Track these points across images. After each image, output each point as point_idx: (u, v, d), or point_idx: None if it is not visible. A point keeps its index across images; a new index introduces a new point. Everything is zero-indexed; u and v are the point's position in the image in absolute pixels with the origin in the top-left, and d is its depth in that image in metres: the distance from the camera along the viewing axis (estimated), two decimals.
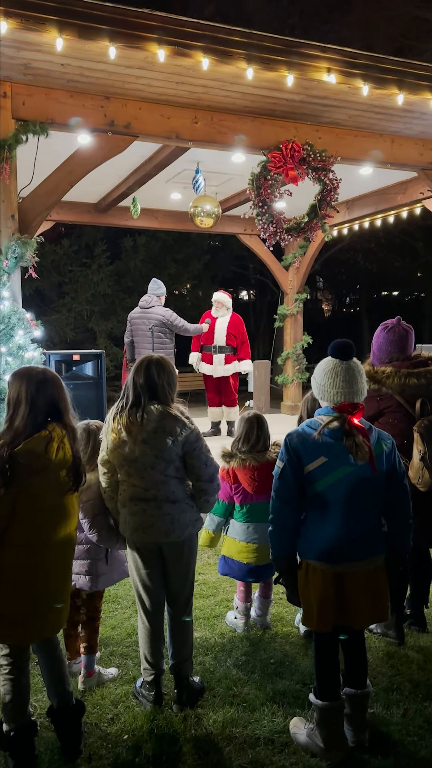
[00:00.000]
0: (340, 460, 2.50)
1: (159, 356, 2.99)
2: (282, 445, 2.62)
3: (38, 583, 2.51)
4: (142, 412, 2.82)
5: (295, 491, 2.56)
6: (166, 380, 2.90)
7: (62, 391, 2.61)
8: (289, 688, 3.14)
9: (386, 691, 3.13)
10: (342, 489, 2.51)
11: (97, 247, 13.89)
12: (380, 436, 2.61)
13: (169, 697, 3.06)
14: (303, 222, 6.28)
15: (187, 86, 5.18)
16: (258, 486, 3.57)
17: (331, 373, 2.60)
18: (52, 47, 4.41)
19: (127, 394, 2.90)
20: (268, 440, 3.73)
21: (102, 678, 3.21)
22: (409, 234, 19.46)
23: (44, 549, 2.52)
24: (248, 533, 3.64)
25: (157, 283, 7.55)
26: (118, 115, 5.39)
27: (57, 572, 2.58)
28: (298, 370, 10.45)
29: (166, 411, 2.84)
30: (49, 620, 2.58)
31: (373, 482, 2.54)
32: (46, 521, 2.52)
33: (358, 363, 2.65)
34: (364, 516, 2.56)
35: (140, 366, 2.91)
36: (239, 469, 3.59)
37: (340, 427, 2.52)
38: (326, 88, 5.25)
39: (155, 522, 2.85)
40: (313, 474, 2.52)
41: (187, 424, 2.86)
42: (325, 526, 2.55)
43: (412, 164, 6.61)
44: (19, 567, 2.48)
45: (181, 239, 14.83)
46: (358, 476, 2.51)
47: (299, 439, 2.56)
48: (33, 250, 5.14)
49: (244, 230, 10.28)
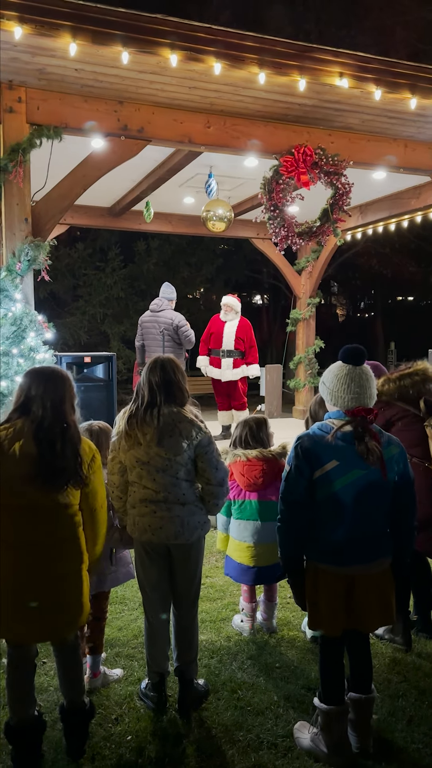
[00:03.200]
0: (351, 464, 2.51)
1: (170, 356, 3.01)
2: (292, 447, 2.62)
3: (26, 583, 2.49)
4: (158, 414, 2.83)
5: (303, 494, 2.56)
6: (182, 378, 2.91)
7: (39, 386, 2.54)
8: (294, 693, 3.13)
9: (392, 697, 3.11)
10: (352, 492, 2.52)
11: (110, 251, 13.96)
12: (390, 441, 2.61)
13: (174, 699, 3.06)
14: (315, 226, 6.28)
15: (199, 91, 5.21)
16: (249, 483, 3.59)
17: (346, 379, 2.60)
18: (66, 52, 4.45)
19: (141, 394, 2.91)
20: (266, 443, 3.73)
21: (107, 679, 3.22)
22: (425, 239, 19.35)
23: (29, 548, 2.48)
24: (240, 531, 3.66)
25: (170, 287, 7.57)
26: (131, 119, 5.42)
27: (49, 575, 2.51)
28: (310, 374, 10.42)
29: (181, 414, 2.86)
30: (47, 623, 2.53)
31: (382, 486, 2.55)
32: (26, 519, 2.47)
33: (368, 368, 2.66)
34: (372, 519, 2.57)
35: (154, 365, 2.92)
36: (231, 464, 3.66)
37: (352, 431, 2.52)
38: (339, 92, 5.26)
39: (165, 524, 2.86)
40: (324, 477, 2.53)
41: (202, 428, 2.87)
42: (335, 528, 2.55)
43: (426, 169, 6.59)
44: (6, 564, 2.49)
45: (194, 243, 14.87)
46: (369, 480, 2.52)
47: (310, 442, 2.56)
48: (46, 253, 5.19)
49: (257, 234, 10.29)
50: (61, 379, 2.60)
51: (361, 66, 5.06)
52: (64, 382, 2.61)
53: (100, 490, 2.69)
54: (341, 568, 2.56)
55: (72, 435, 2.55)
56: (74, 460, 2.52)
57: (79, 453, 2.55)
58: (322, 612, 2.58)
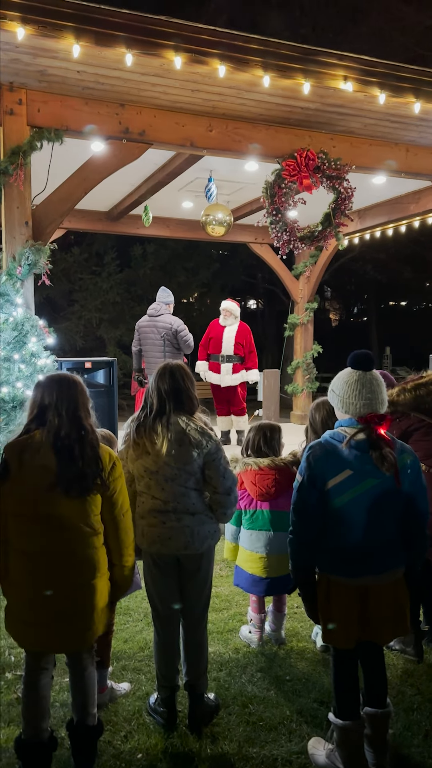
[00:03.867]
0: (365, 473, 2.44)
1: (179, 362, 2.95)
2: (303, 457, 2.55)
3: (39, 591, 2.44)
4: (168, 422, 2.77)
5: (315, 506, 2.49)
6: (191, 386, 2.85)
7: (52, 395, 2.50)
8: (306, 707, 3.06)
9: (407, 711, 3.05)
10: (366, 502, 2.45)
11: (107, 255, 13.89)
12: (403, 448, 2.55)
13: (184, 714, 2.98)
14: (317, 230, 6.24)
15: (202, 94, 5.17)
16: (261, 492, 3.52)
17: (356, 385, 2.54)
18: (69, 54, 4.40)
19: (150, 402, 2.84)
20: (278, 450, 3.67)
21: (114, 694, 3.14)
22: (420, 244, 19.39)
23: (44, 557, 2.44)
24: (252, 541, 3.58)
25: (166, 291, 7.50)
26: (132, 122, 5.37)
27: (64, 584, 2.46)
28: (308, 379, 10.38)
29: (192, 422, 2.79)
30: (61, 632, 2.49)
31: (395, 495, 2.48)
32: (42, 528, 2.43)
33: (378, 374, 2.60)
34: (386, 529, 2.51)
35: (163, 372, 2.85)
36: (241, 473, 3.56)
37: (366, 439, 2.46)
38: (342, 96, 5.22)
39: (174, 534, 2.79)
40: (338, 487, 2.46)
41: (212, 436, 2.81)
42: (348, 538, 2.49)
43: (427, 173, 6.57)
44: (20, 572, 2.47)
45: (190, 247, 14.82)
46: (383, 489, 2.45)
47: (322, 452, 2.49)
48: (46, 257, 5.12)
49: (255, 239, 10.25)
50: (73, 385, 2.54)
51: (365, 69, 5.03)
52: (76, 387, 2.55)
53: (122, 497, 2.62)
54: (354, 579, 2.50)
55: (91, 440, 2.49)
56: (95, 465, 2.46)
57: (99, 457, 2.49)
58: (336, 625, 2.51)
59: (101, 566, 2.55)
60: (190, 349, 7.34)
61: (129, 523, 2.66)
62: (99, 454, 2.49)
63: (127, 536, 2.64)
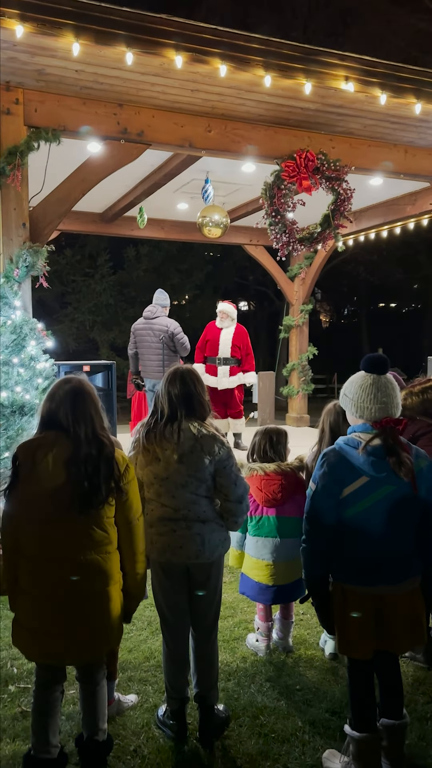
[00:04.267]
0: (382, 480, 2.38)
1: (190, 366, 2.88)
2: (317, 464, 2.49)
3: (50, 599, 2.39)
4: (179, 428, 2.70)
5: (330, 514, 2.43)
6: (202, 391, 2.78)
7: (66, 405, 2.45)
8: (318, 718, 3.00)
9: (420, 720, 2.99)
10: (382, 509, 2.40)
11: (99, 257, 13.81)
12: (418, 453, 2.50)
13: (193, 726, 2.91)
14: (316, 232, 6.20)
15: (202, 94, 5.10)
16: (267, 498, 3.46)
17: (371, 388, 2.48)
18: (68, 53, 4.32)
19: (161, 407, 2.77)
20: (284, 455, 3.61)
21: (122, 706, 3.06)
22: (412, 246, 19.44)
23: (53, 564, 2.38)
24: (258, 548, 3.51)
25: (163, 293, 7.45)
26: (131, 122, 5.30)
27: (75, 592, 2.40)
28: (303, 381, 10.34)
29: (203, 428, 2.72)
30: (69, 643, 2.42)
31: (412, 502, 2.42)
32: (53, 533, 2.38)
33: (391, 377, 2.55)
34: (403, 536, 2.45)
35: (173, 377, 2.79)
36: (247, 478, 3.48)
37: (382, 445, 2.40)
38: (343, 96, 5.18)
39: (185, 543, 2.72)
40: (354, 495, 2.40)
41: (224, 442, 2.74)
42: (364, 547, 2.43)
43: (426, 174, 6.55)
44: (31, 579, 2.41)
45: (184, 249, 14.76)
46: (400, 495, 2.39)
47: (337, 459, 2.43)
48: (44, 259, 5.04)
49: (250, 241, 10.21)
50: (88, 397, 2.48)
51: (366, 70, 4.99)
52: (91, 396, 2.49)
53: (136, 501, 2.56)
54: (370, 588, 2.44)
55: (107, 452, 2.43)
56: (110, 477, 2.41)
57: (115, 467, 2.43)
58: (352, 635, 2.45)
59: (114, 573, 2.48)
60: (187, 351, 7.30)
61: (142, 527, 2.61)
62: (113, 464, 2.42)
63: (141, 541, 2.59)
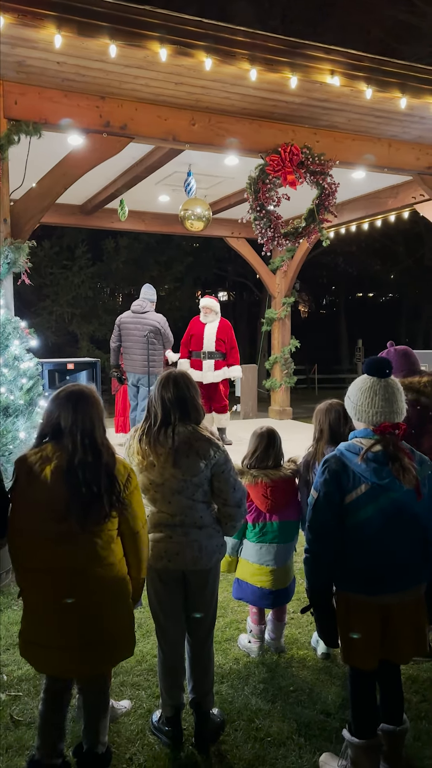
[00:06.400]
0: (384, 487, 2.35)
1: (183, 371, 2.85)
2: (318, 472, 2.46)
3: (57, 614, 2.34)
4: (173, 433, 2.66)
5: (333, 523, 2.40)
6: (196, 394, 2.74)
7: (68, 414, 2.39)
8: (313, 720, 3.00)
9: (415, 720, 3.00)
10: (386, 516, 2.37)
11: (78, 249, 13.63)
12: (422, 460, 2.48)
13: (189, 732, 2.89)
14: (300, 226, 6.17)
15: (186, 87, 5.03)
16: (271, 504, 3.43)
17: (369, 392, 2.46)
18: (50, 44, 4.21)
19: (154, 412, 2.72)
20: (281, 456, 3.59)
21: (115, 713, 3.02)
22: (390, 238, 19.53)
23: (59, 576, 2.33)
24: (261, 554, 3.48)
25: (151, 288, 7.46)
26: (113, 115, 5.20)
27: (84, 606, 2.35)
28: (286, 374, 10.34)
29: (198, 432, 2.68)
30: (81, 656, 2.38)
31: (417, 508, 2.40)
32: (55, 546, 2.32)
33: (396, 381, 2.52)
34: (408, 543, 2.42)
35: (166, 381, 2.74)
36: (251, 486, 3.44)
37: (383, 450, 2.37)
38: (328, 90, 5.14)
39: (182, 549, 2.69)
40: (356, 502, 2.37)
41: (220, 446, 2.70)
42: (367, 555, 2.40)
43: (409, 168, 6.55)
44: (37, 593, 2.37)
45: (163, 241, 14.63)
46: (403, 502, 2.37)
47: (338, 466, 2.40)
48: (26, 255, 4.94)
49: (232, 233, 10.16)
50: (92, 404, 2.41)
51: (352, 64, 4.95)
52: (96, 405, 2.43)
53: (140, 510, 2.52)
54: (375, 598, 2.41)
55: (107, 462, 2.37)
56: (110, 491, 2.34)
57: (115, 479, 2.37)
58: (357, 646, 2.42)
59: (122, 584, 2.44)
60: (171, 344, 7.34)
61: (146, 537, 2.58)
62: (114, 475, 2.37)
63: (143, 552, 2.56)
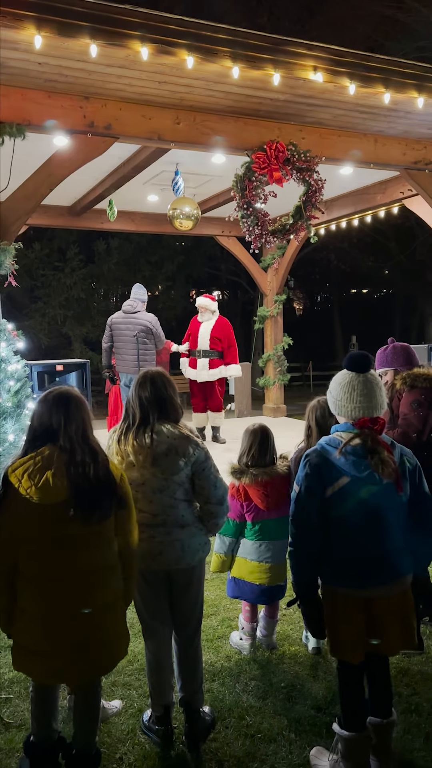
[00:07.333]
0: (364, 480, 2.37)
1: (159, 369, 2.84)
2: (300, 466, 2.47)
3: (58, 620, 2.34)
4: (151, 432, 2.65)
5: (315, 516, 2.42)
6: (174, 393, 2.74)
7: (59, 415, 2.39)
8: (304, 715, 3.00)
9: (405, 713, 3.01)
10: (367, 509, 2.38)
11: (69, 250, 13.61)
12: (403, 452, 2.49)
13: (179, 730, 2.89)
14: (288, 224, 6.16)
15: (169, 86, 5.01)
16: (270, 502, 3.43)
17: (348, 387, 2.47)
18: (30, 45, 4.20)
19: (132, 412, 2.72)
20: (275, 453, 3.59)
21: (106, 713, 3.02)
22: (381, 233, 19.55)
23: (57, 582, 2.33)
24: (260, 552, 3.48)
25: (142, 288, 7.48)
26: (97, 116, 5.19)
27: (71, 612, 2.34)
28: (279, 372, 10.34)
29: (177, 431, 2.68)
30: (79, 662, 2.38)
31: (398, 501, 2.41)
32: (55, 552, 2.32)
33: (375, 376, 2.53)
34: (391, 536, 2.43)
35: (144, 381, 2.74)
36: (250, 485, 3.43)
37: (362, 444, 2.38)
38: (312, 87, 5.13)
39: (164, 549, 2.69)
40: (337, 495, 2.38)
41: (199, 443, 2.70)
42: (351, 548, 2.41)
43: (395, 164, 6.54)
44: (34, 602, 2.36)
45: (154, 241, 14.63)
46: (384, 495, 2.38)
47: (319, 459, 2.41)
48: (12, 258, 4.93)
49: (222, 232, 10.14)
50: (81, 405, 2.43)
51: (335, 60, 4.95)
52: (84, 406, 2.45)
53: (133, 509, 2.54)
54: (361, 591, 2.42)
55: (102, 460, 2.39)
56: (109, 487, 2.36)
57: (112, 477, 2.39)
58: (343, 639, 2.44)
59: (119, 586, 2.46)
60: (163, 343, 7.37)
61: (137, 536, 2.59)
62: (110, 473, 2.39)
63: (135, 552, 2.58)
